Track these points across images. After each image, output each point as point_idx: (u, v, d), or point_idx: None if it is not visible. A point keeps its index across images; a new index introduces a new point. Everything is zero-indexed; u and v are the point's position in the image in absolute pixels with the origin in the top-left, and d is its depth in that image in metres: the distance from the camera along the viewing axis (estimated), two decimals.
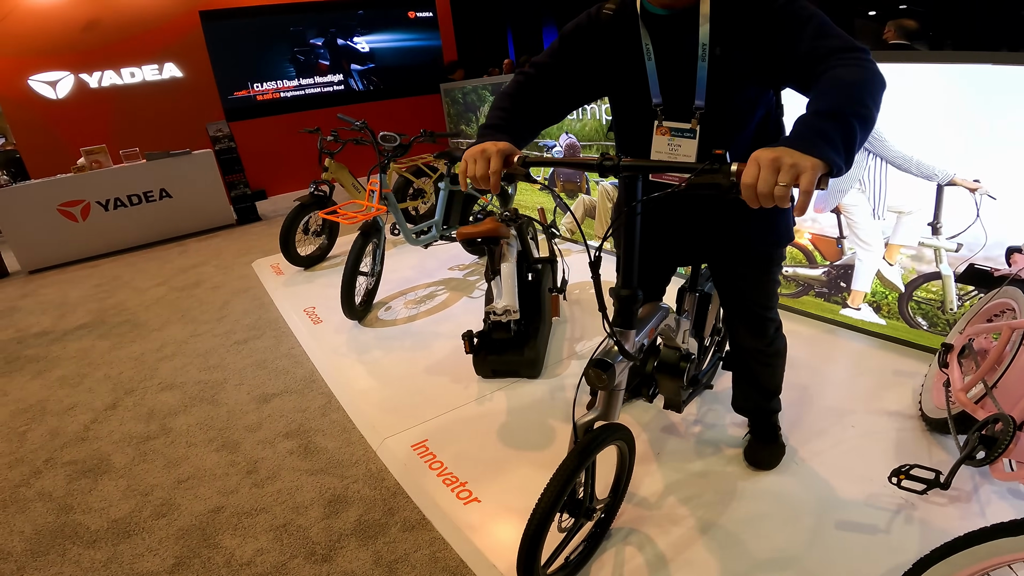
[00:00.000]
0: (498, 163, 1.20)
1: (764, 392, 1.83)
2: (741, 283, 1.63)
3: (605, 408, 1.39)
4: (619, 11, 1.40)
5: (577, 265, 3.52)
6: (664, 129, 1.38)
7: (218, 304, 3.92)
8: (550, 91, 1.45)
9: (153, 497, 2.08)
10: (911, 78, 2.11)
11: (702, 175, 1.04)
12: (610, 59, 1.42)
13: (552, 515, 1.31)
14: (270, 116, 7.50)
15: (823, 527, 1.64)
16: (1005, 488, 1.69)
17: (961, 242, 2.17)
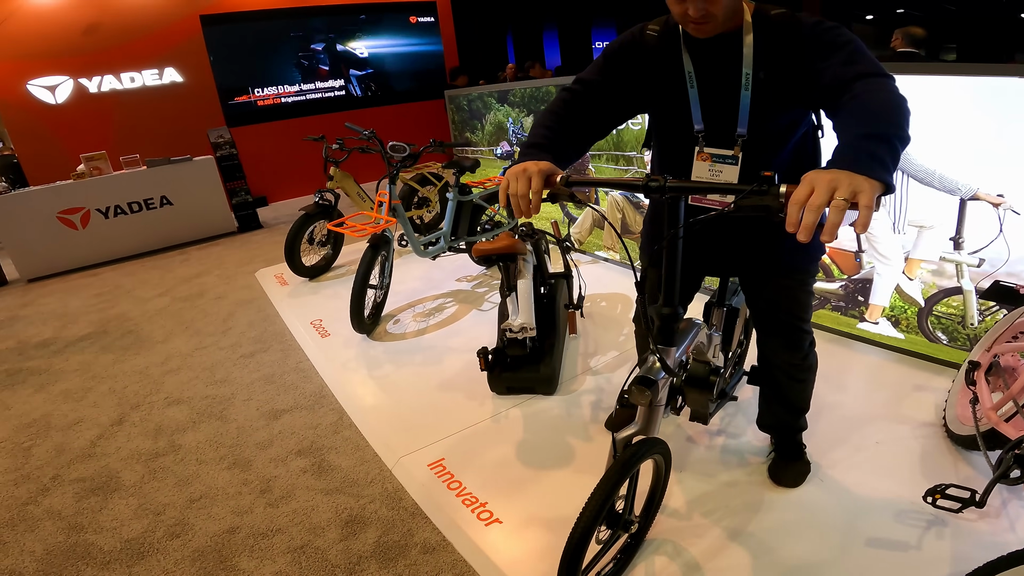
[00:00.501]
0: (539, 183, 1.19)
1: (793, 409, 1.81)
2: (776, 295, 1.62)
3: (645, 423, 1.40)
4: (663, 33, 1.41)
5: (589, 279, 3.50)
6: (706, 155, 1.40)
7: (222, 316, 3.87)
8: (595, 108, 1.45)
9: (166, 517, 2.04)
10: (935, 90, 2.10)
11: (750, 197, 1.03)
12: (653, 81, 1.43)
13: (593, 528, 1.32)
14: (271, 122, 7.45)
15: (853, 543, 1.62)
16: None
17: (983, 257, 2.15)
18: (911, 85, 2.13)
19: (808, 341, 1.69)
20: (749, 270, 1.64)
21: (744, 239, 1.56)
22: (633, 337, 2.87)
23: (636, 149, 3.37)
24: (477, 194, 3.61)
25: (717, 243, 1.60)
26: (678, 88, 1.40)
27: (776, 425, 1.89)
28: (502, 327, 2.46)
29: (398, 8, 8.02)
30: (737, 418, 2.20)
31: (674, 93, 1.41)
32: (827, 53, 1.22)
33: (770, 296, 1.63)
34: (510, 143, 4.40)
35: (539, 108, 3.98)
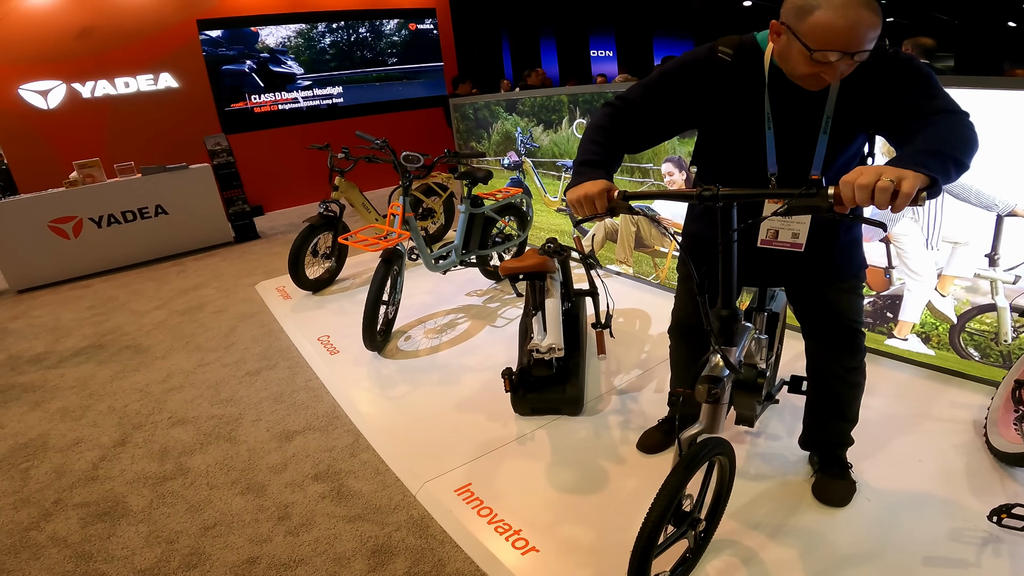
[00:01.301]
0: (603, 203, 1.29)
1: (846, 418, 1.79)
2: (832, 301, 1.63)
3: (710, 422, 1.43)
4: (738, 59, 1.39)
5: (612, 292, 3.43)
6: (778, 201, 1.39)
7: (224, 330, 3.75)
8: (638, 126, 1.49)
9: (180, 545, 1.93)
10: (973, 105, 2.06)
11: (801, 199, 1.13)
12: (722, 110, 1.43)
13: (661, 527, 1.34)
14: (267, 129, 7.35)
15: (911, 560, 1.58)
16: None
17: (1019, 274, 2.12)
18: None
19: (862, 343, 1.68)
20: (799, 281, 1.65)
21: (797, 254, 1.55)
22: (656, 353, 2.82)
23: (653, 161, 3.32)
24: (489, 206, 3.54)
25: (762, 255, 1.59)
26: (753, 126, 1.40)
27: (825, 439, 1.85)
28: (528, 347, 2.37)
29: (398, 14, 7.98)
30: (773, 422, 2.21)
31: (747, 130, 1.42)
32: (908, 83, 1.27)
33: (826, 303, 1.64)
34: (518, 153, 4.33)
35: (549, 118, 3.92)
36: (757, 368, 1.65)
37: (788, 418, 2.21)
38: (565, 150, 3.89)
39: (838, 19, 1.15)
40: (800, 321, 1.73)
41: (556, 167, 4.04)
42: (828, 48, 1.18)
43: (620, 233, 3.72)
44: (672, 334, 1.96)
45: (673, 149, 3.19)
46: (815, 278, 1.62)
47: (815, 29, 1.18)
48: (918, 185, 0.99)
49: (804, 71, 1.25)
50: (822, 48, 1.18)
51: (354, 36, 7.74)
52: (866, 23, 1.15)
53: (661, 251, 3.52)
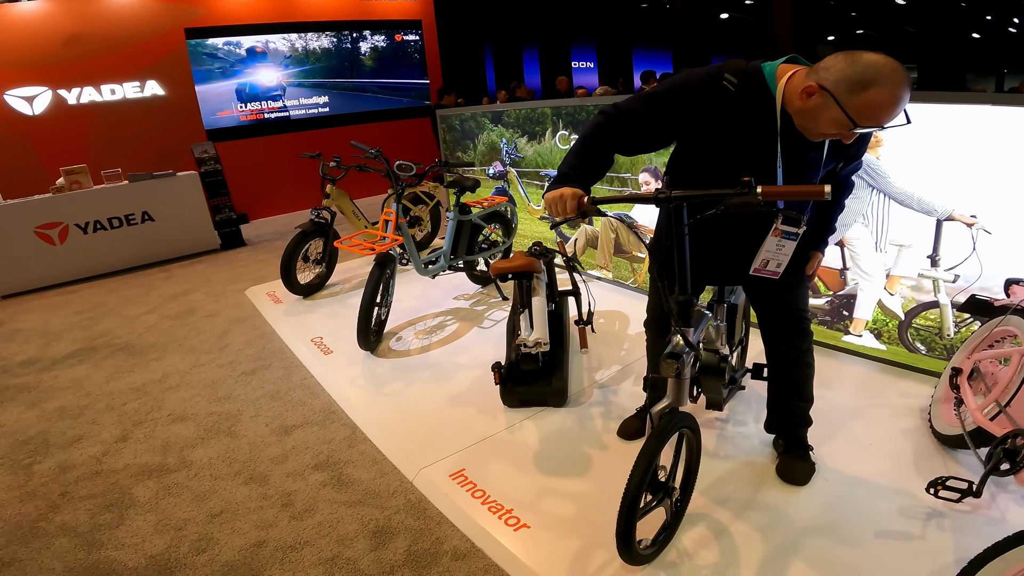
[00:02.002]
0: (573, 204, 1.51)
1: (803, 396, 1.98)
2: (782, 292, 1.82)
3: (676, 394, 1.60)
4: (743, 88, 1.48)
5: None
6: (779, 231, 1.61)
7: (217, 333, 3.85)
8: (629, 136, 1.65)
9: (188, 532, 2.04)
10: (914, 117, 2.29)
11: (736, 198, 1.35)
12: (729, 135, 1.54)
13: (641, 493, 1.50)
14: (253, 138, 7.43)
15: (865, 536, 1.76)
16: (1020, 495, 1.84)
17: (958, 274, 2.35)
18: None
19: (809, 330, 1.91)
20: (752, 277, 1.79)
21: (746, 251, 1.73)
22: (634, 351, 3.01)
23: (631, 171, 3.53)
24: (476, 214, 3.70)
25: (722, 256, 1.80)
26: (764, 157, 1.54)
27: (787, 419, 2.04)
28: (516, 343, 2.54)
29: (384, 26, 8.14)
30: (740, 408, 2.41)
31: (758, 160, 1.54)
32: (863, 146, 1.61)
33: (777, 295, 1.84)
34: (503, 163, 4.52)
35: (533, 129, 4.11)
36: (719, 353, 1.84)
37: (754, 406, 2.41)
38: (548, 160, 4.09)
39: (891, 100, 1.26)
40: (756, 313, 1.93)
41: (540, 177, 4.23)
42: (872, 125, 1.29)
43: (600, 240, 3.92)
44: (647, 327, 2.15)
45: (650, 160, 3.40)
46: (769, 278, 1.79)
47: (868, 106, 1.28)
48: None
49: (828, 132, 1.39)
50: (867, 125, 1.30)
51: (340, 46, 7.87)
52: (904, 104, 1.28)
53: (639, 256, 3.72)
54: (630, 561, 1.62)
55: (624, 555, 1.58)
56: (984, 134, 2.15)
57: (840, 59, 1.32)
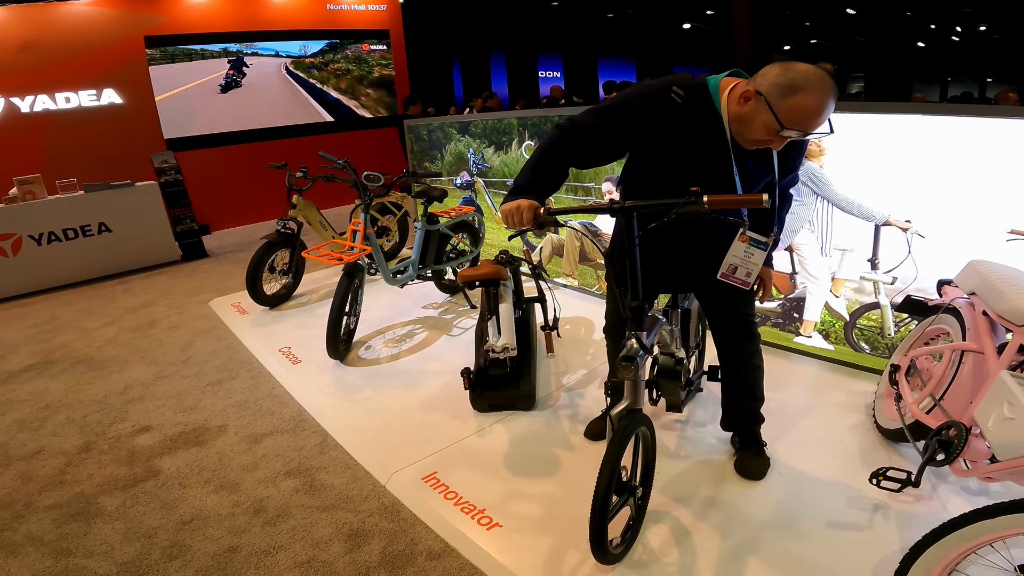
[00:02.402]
0: (529, 215, 1.56)
1: (754, 396, 2.09)
2: (730, 297, 1.90)
3: (632, 395, 1.65)
4: (690, 100, 1.57)
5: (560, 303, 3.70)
6: (746, 238, 1.68)
7: (180, 345, 3.80)
8: (583, 149, 1.70)
9: (159, 539, 2.03)
10: (853, 127, 2.47)
11: (685, 207, 1.42)
12: (680, 146, 1.63)
13: (610, 494, 1.55)
14: (213, 148, 7.32)
15: (814, 526, 1.87)
16: (959, 485, 1.98)
17: (896, 276, 2.53)
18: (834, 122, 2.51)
19: (757, 333, 2.02)
20: (703, 284, 1.91)
21: (697, 260, 1.84)
22: (599, 356, 3.11)
23: (595, 180, 3.65)
24: (444, 224, 3.77)
25: (674, 264, 1.89)
26: (719, 163, 1.62)
27: (741, 417, 2.15)
28: (484, 348, 2.60)
29: (351, 35, 8.15)
30: (699, 411, 2.52)
31: (711, 168, 1.63)
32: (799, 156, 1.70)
33: (727, 303, 1.94)
34: (470, 173, 4.59)
35: (500, 140, 4.20)
36: (675, 357, 1.93)
37: (712, 407, 2.51)
38: (515, 170, 4.18)
39: (817, 105, 1.38)
40: (708, 318, 2.04)
41: (507, 187, 4.32)
42: (797, 128, 1.40)
43: (566, 248, 4.03)
44: (606, 333, 2.23)
45: (613, 169, 3.53)
46: (718, 283, 1.84)
47: (795, 110, 1.39)
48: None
49: (760, 137, 1.49)
50: (793, 127, 1.40)
51: (308, 55, 7.85)
52: (830, 111, 1.40)
53: (603, 264, 3.84)
54: (604, 561, 1.67)
55: (598, 556, 1.63)
56: (916, 143, 2.33)
57: (775, 67, 1.46)
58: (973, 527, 1.29)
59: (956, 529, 1.31)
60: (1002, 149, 2.15)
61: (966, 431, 1.63)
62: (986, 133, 2.17)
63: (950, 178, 2.28)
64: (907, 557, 1.39)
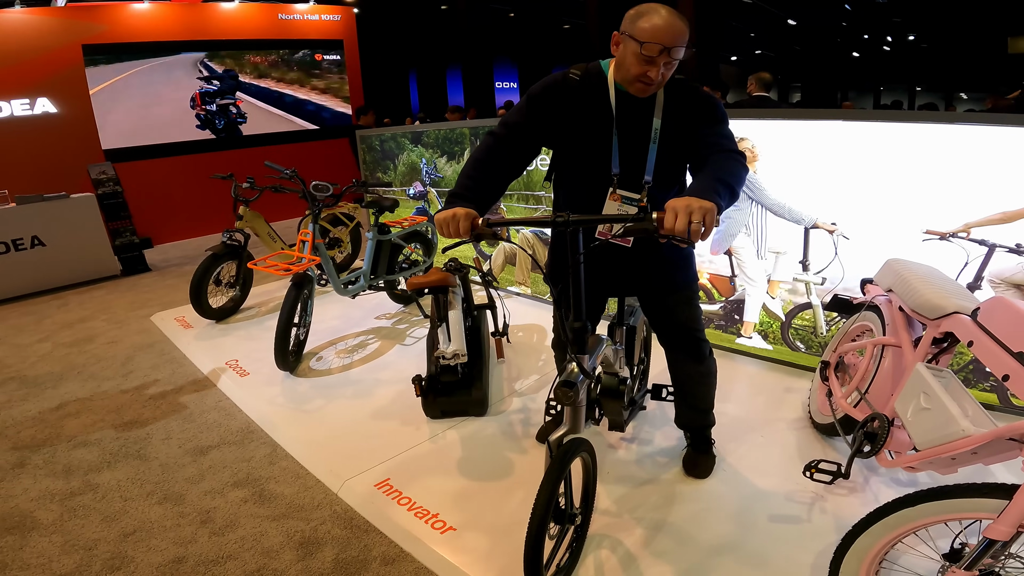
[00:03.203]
0: (466, 224, 1.49)
1: (700, 409, 2.15)
2: (674, 309, 1.95)
3: (572, 422, 1.61)
4: (585, 79, 1.69)
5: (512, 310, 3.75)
6: (617, 196, 1.70)
7: (120, 360, 3.65)
8: (518, 149, 1.72)
9: (99, 551, 1.96)
10: (783, 134, 2.63)
11: (634, 223, 1.39)
12: (574, 122, 1.70)
13: (547, 523, 1.48)
14: (155, 158, 7.10)
15: (756, 521, 1.95)
16: (890, 477, 2.10)
17: (825, 276, 2.70)
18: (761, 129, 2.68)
19: (707, 349, 2.05)
20: (645, 290, 1.94)
21: (638, 264, 1.86)
22: (551, 362, 3.17)
23: (545, 189, 3.74)
24: (396, 233, 3.77)
25: (617, 269, 1.88)
26: (601, 133, 1.68)
27: (692, 423, 2.21)
28: (435, 355, 2.62)
29: (303, 45, 8.07)
30: (645, 427, 2.51)
31: (596, 137, 1.69)
32: (712, 123, 1.64)
33: (668, 311, 1.96)
34: (423, 183, 4.62)
35: (452, 149, 4.26)
36: (619, 376, 1.88)
37: (659, 423, 2.50)
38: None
39: (661, 20, 1.51)
40: (655, 329, 2.05)
41: None
42: (653, 41, 1.50)
43: (518, 257, 4.09)
44: (554, 347, 2.24)
45: None
46: (657, 288, 1.91)
47: (645, 28, 1.52)
48: (714, 217, 1.32)
49: (636, 71, 1.55)
50: (649, 40, 1.50)
51: (257, 64, 7.73)
52: (678, 27, 1.52)
53: None
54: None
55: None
56: (840, 148, 2.50)
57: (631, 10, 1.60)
58: (896, 516, 1.35)
59: (880, 518, 1.38)
60: (918, 153, 2.33)
61: (888, 423, 1.72)
62: (902, 138, 2.36)
63: (871, 182, 2.46)
64: (839, 548, 1.45)
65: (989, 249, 2.28)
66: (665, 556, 1.82)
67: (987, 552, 1.23)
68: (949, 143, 2.27)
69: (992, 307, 1.51)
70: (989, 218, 2.26)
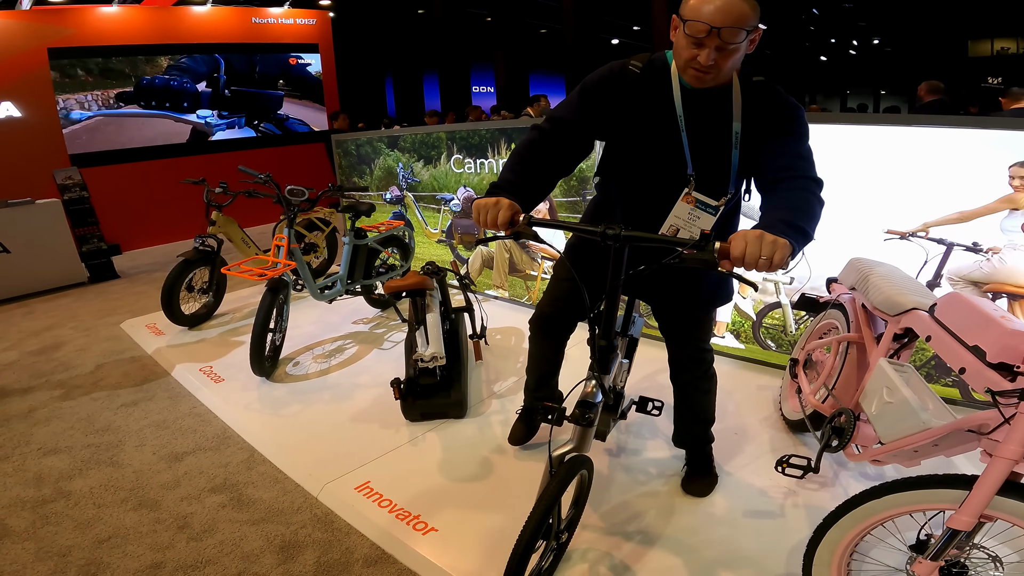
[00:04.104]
0: (507, 216, 1.36)
1: (701, 419, 2.09)
2: (691, 325, 1.91)
3: (580, 442, 1.53)
4: (647, 70, 1.55)
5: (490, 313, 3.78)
6: (692, 198, 1.57)
7: (89, 367, 3.58)
8: (567, 145, 1.58)
9: (74, 558, 1.93)
10: None
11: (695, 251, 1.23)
12: (634, 115, 1.56)
13: (536, 540, 1.41)
14: (124, 163, 6.96)
15: (730, 515, 2.00)
16: (858, 471, 2.17)
17: (793, 276, 2.78)
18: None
19: (710, 358, 2.00)
20: (671, 302, 1.86)
21: (674, 276, 1.74)
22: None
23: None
24: (372, 238, 3.77)
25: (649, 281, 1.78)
26: (667, 130, 1.53)
27: (689, 439, 2.14)
28: (414, 358, 2.63)
29: (278, 49, 8.00)
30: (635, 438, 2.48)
31: (661, 133, 1.54)
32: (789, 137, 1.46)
33: (685, 325, 1.91)
34: (399, 188, 4.63)
35: (429, 154, 4.28)
36: (616, 389, 1.80)
37: (646, 434, 2.49)
38: (444, 184, 4.26)
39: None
40: (665, 339, 1.99)
41: (436, 200, 4.39)
42: (697, 19, 1.32)
43: (495, 260, 4.13)
44: (532, 325, 2.10)
45: None
46: (687, 302, 1.82)
47: (692, 4, 1.35)
48: (787, 255, 1.19)
49: (685, 55, 1.39)
50: (692, 19, 1.32)
51: (230, 68, 7.64)
52: (733, 5, 1.31)
53: (532, 275, 3.96)
54: None
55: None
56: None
57: None
58: (863, 508, 1.39)
59: (848, 511, 1.41)
60: (880, 155, 2.43)
61: (854, 417, 1.77)
62: (865, 141, 2.45)
63: (836, 183, 2.53)
64: (811, 541, 1.49)
65: (947, 248, 2.40)
66: (638, 551, 1.86)
67: (951, 542, 1.27)
68: (909, 145, 2.37)
69: (948, 303, 1.57)
70: (947, 217, 2.37)
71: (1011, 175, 2.21)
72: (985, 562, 1.34)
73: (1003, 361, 1.28)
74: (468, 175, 4.08)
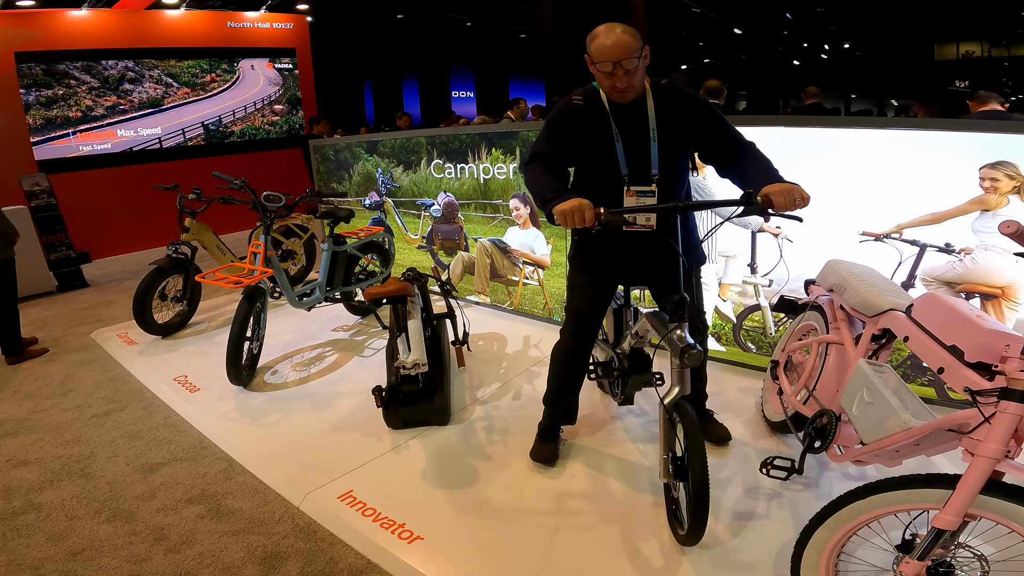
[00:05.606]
0: (592, 213, 1.65)
1: (700, 377, 2.37)
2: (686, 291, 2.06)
3: (681, 382, 1.79)
4: (587, 101, 1.94)
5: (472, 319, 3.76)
6: (632, 192, 1.93)
7: (58, 378, 3.47)
8: (558, 168, 1.95)
9: (47, 571, 1.88)
10: None
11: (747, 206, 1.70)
12: (586, 138, 1.94)
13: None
14: (93, 169, 6.79)
15: (722, 516, 2.00)
16: (840, 472, 2.19)
17: (772, 278, 2.82)
18: None
19: (706, 323, 2.36)
20: (664, 277, 2.04)
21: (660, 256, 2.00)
22: (512, 369, 3.18)
23: (503, 197, 3.78)
24: (352, 244, 3.73)
25: (634, 259, 2.06)
26: (607, 143, 1.92)
27: (697, 398, 2.39)
28: (395, 365, 2.59)
29: (255, 53, 7.89)
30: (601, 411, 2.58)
31: (604, 147, 1.93)
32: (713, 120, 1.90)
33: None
34: (379, 193, 4.59)
35: (408, 159, 4.25)
36: (645, 352, 2.13)
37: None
38: (424, 190, 4.24)
39: (606, 40, 1.75)
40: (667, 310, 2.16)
41: (416, 206, 4.36)
42: (603, 59, 1.75)
43: (476, 266, 4.11)
44: (573, 335, 2.21)
45: (519, 185, 3.67)
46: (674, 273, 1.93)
47: (594, 50, 1.78)
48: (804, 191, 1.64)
49: (605, 84, 1.82)
50: (599, 60, 1.76)
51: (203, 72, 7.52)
52: (623, 42, 1.74)
53: (513, 280, 3.96)
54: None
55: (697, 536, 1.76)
56: (782, 153, 2.59)
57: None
58: (847, 509, 1.40)
59: (833, 512, 1.42)
60: (853, 158, 2.48)
61: (835, 418, 1.79)
62: (839, 143, 2.50)
63: (812, 185, 2.55)
64: (798, 543, 1.50)
65: (921, 249, 2.45)
66: (622, 556, 1.86)
67: (937, 542, 1.27)
68: (881, 147, 2.43)
69: (925, 303, 1.59)
70: (920, 219, 2.43)
71: (981, 177, 2.27)
72: (971, 561, 1.35)
73: (981, 360, 1.30)
74: (448, 180, 4.06)
